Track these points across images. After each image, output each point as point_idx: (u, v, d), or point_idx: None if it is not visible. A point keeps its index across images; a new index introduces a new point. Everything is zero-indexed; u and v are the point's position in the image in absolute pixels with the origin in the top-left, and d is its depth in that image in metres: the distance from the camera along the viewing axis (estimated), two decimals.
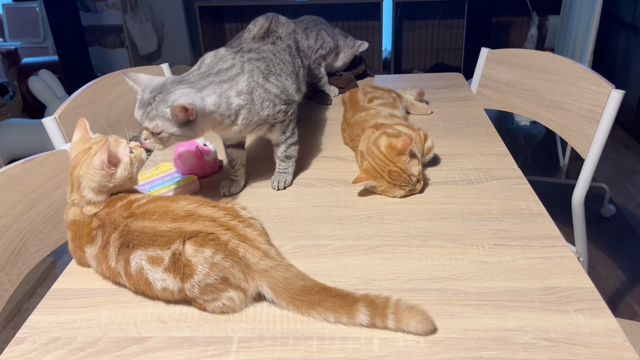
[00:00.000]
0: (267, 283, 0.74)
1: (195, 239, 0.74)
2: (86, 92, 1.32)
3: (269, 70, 1.02)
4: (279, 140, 1.09)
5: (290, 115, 1.08)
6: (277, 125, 1.06)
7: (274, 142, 1.11)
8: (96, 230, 0.81)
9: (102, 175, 0.82)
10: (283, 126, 1.07)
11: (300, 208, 1.02)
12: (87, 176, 0.82)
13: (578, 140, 1.28)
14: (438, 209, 0.99)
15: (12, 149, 2.98)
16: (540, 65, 1.44)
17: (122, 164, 0.84)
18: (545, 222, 0.92)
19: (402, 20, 3.94)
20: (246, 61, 0.99)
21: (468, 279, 0.80)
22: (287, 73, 1.07)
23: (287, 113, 1.06)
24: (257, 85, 0.99)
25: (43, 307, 0.79)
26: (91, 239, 0.82)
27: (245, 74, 0.97)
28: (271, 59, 1.05)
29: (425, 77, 1.77)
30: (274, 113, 1.02)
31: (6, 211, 0.94)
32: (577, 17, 2.44)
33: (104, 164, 0.81)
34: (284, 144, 1.10)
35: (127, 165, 0.85)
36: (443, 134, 1.29)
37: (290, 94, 1.06)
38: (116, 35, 3.93)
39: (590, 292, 0.75)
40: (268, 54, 1.05)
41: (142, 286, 0.77)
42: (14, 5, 3.72)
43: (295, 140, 1.11)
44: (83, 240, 0.83)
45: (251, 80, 0.98)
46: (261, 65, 1.01)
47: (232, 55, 0.99)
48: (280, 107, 1.03)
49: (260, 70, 1.00)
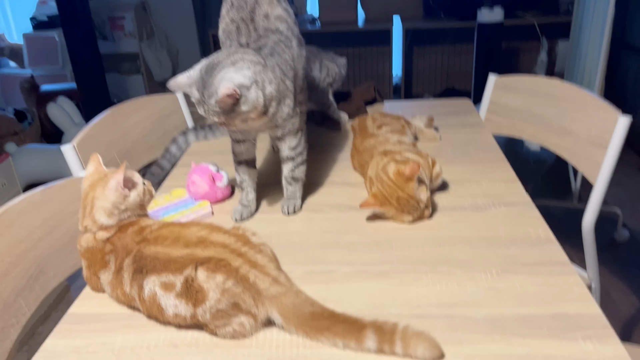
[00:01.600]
0: (277, 309, 0.76)
1: (207, 264, 0.76)
2: (103, 120, 1.36)
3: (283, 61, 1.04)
4: (287, 154, 1.10)
5: (299, 124, 1.08)
6: (289, 136, 1.08)
7: (282, 157, 1.11)
8: (109, 255, 0.84)
9: (116, 196, 0.85)
10: (294, 139, 1.08)
11: (310, 233, 1.03)
12: (101, 197, 0.85)
13: (587, 166, 1.28)
14: (446, 235, 1.00)
15: (30, 173, 3.04)
16: (548, 91, 1.46)
17: (135, 189, 0.87)
18: (554, 249, 0.93)
19: (412, 46, 3.99)
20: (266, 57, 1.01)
21: (476, 305, 0.80)
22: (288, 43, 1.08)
23: (298, 118, 1.07)
24: (280, 81, 1.00)
25: (59, 332, 0.81)
26: (104, 264, 0.84)
27: (269, 68, 0.98)
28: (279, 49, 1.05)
29: (433, 103, 1.79)
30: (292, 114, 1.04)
31: (25, 237, 0.97)
32: (587, 42, 2.46)
33: (120, 184, 0.84)
34: (292, 161, 1.10)
35: (140, 192, 0.88)
36: (452, 160, 1.31)
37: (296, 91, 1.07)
38: (132, 63, 4.03)
39: (599, 319, 0.76)
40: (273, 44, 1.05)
41: (155, 311, 0.79)
42: (34, 34, 3.83)
43: (303, 160, 1.12)
44: (97, 266, 0.85)
45: (273, 76, 0.99)
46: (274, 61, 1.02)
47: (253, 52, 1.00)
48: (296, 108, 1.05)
49: (279, 67, 1.02)
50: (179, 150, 1.48)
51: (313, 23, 3.74)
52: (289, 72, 1.05)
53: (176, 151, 1.47)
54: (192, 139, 1.54)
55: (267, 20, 1.07)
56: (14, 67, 4.09)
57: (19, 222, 0.97)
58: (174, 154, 1.46)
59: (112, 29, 3.88)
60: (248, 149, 1.12)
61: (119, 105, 1.45)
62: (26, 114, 3.73)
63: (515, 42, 3.91)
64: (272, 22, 1.07)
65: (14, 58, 4.03)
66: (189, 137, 1.53)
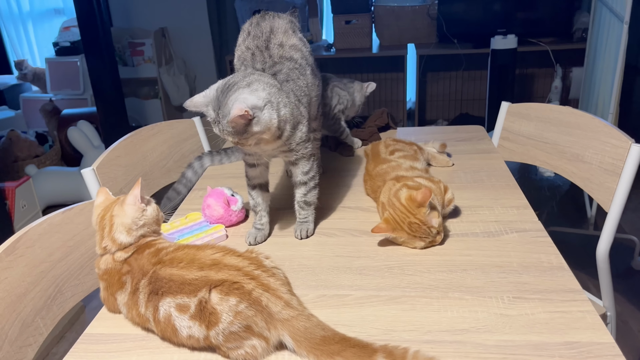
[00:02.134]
0: (289, 332, 0.77)
1: (221, 287, 0.77)
2: (122, 144, 1.39)
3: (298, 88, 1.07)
4: (300, 178, 1.12)
5: (312, 149, 1.10)
6: (302, 161, 1.10)
7: (295, 182, 1.13)
8: (126, 276, 0.86)
9: (134, 210, 0.88)
10: (307, 164, 1.10)
11: (323, 257, 1.05)
12: (120, 214, 0.88)
13: (600, 193, 1.28)
14: (458, 260, 1.00)
15: (49, 195, 3.10)
16: (560, 119, 1.47)
17: (151, 205, 0.91)
18: (566, 276, 0.93)
19: (426, 72, 4.03)
20: (281, 82, 1.04)
21: (487, 331, 0.81)
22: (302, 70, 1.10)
23: (313, 143, 1.09)
24: (295, 106, 1.04)
25: (75, 352, 0.83)
26: (121, 285, 0.86)
27: (283, 92, 1.02)
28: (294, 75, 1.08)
29: (446, 129, 1.80)
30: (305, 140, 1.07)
31: (45, 257, 0.99)
32: (601, 69, 2.47)
33: (137, 199, 0.88)
34: (305, 185, 1.12)
35: (154, 207, 0.91)
36: (464, 186, 1.31)
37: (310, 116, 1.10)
38: (150, 87, 4.12)
39: (611, 348, 0.75)
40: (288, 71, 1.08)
41: (169, 333, 0.80)
42: (56, 59, 3.94)
43: (315, 184, 1.14)
44: (114, 287, 0.87)
45: (288, 101, 1.02)
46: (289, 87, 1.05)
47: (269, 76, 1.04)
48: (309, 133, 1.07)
49: (294, 93, 1.05)
50: (195, 175, 1.50)
51: (328, 49, 3.80)
52: (303, 99, 1.07)
53: (192, 176, 1.50)
54: (208, 163, 1.57)
55: (281, 48, 1.10)
56: (36, 91, 4.20)
57: (40, 243, 0.99)
58: (190, 178, 1.49)
59: (132, 55, 3.98)
60: (261, 172, 1.14)
61: (138, 131, 1.49)
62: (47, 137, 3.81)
63: (530, 69, 3.92)
64: (286, 51, 1.10)
65: (36, 82, 4.14)
66: (204, 161, 1.56)
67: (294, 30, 1.14)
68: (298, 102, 1.05)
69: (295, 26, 1.16)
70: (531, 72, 3.94)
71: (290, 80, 1.07)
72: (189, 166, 1.51)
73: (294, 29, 1.14)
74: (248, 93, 0.96)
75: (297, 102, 1.05)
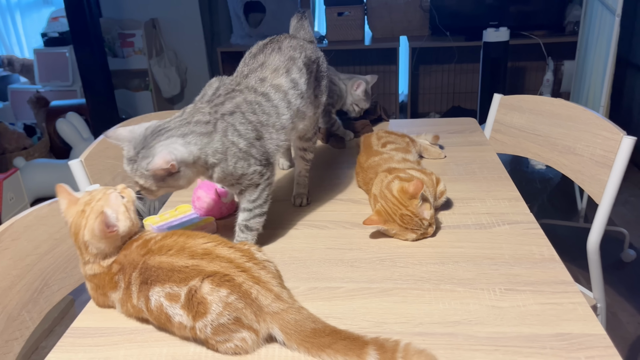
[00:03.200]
0: (279, 325, 0.76)
1: (213, 278, 0.76)
2: None
3: (248, 122, 0.97)
4: (245, 205, 1.02)
5: (267, 179, 1.02)
6: (249, 189, 1.01)
7: (240, 207, 1.04)
8: (118, 275, 0.84)
9: (107, 240, 0.83)
10: (254, 192, 1.01)
11: (314, 250, 1.04)
12: (94, 242, 0.83)
13: (592, 185, 1.28)
14: (450, 252, 1.00)
15: (38, 188, 3.07)
16: (552, 111, 1.46)
17: (121, 218, 0.85)
18: (557, 268, 0.93)
19: (418, 65, 4.02)
20: (220, 118, 0.95)
21: (479, 323, 0.80)
22: (270, 114, 1.01)
23: (263, 176, 1.01)
24: (231, 144, 0.95)
25: (62, 345, 0.81)
26: (114, 285, 0.84)
27: (219, 132, 0.94)
28: (249, 109, 0.98)
29: (438, 122, 1.80)
30: (249, 173, 0.98)
31: (31, 250, 0.98)
32: (592, 62, 2.47)
33: (104, 232, 0.82)
34: (249, 212, 1.02)
35: (125, 215, 0.85)
36: (456, 178, 1.31)
37: (269, 153, 1.01)
38: (141, 79, 4.08)
39: (602, 339, 0.75)
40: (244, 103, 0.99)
41: (163, 320, 0.79)
42: (45, 50, 3.89)
43: (263, 212, 1.04)
44: (106, 288, 0.86)
45: (225, 140, 0.94)
46: (236, 120, 0.96)
47: (209, 110, 0.95)
48: (255, 167, 0.98)
49: (234, 128, 0.95)
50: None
51: (321, 41, 3.78)
52: (248, 134, 0.97)
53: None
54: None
55: (261, 83, 1.03)
56: (24, 82, 4.15)
57: (26, 236, 0.98)
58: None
59: (122, 46, 3.94)
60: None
61: (126, 122, 1.47)
62: (35, 129, 3.77)
63: (522, 62, 3.93)
64: (264, 86, 1.03)
65: (24, 74, 4.09)
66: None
67: (288, 69, 1.05)
68: (239, 138, 0.96)
69: (293, 64, 1.06)
70: (523, 65, 3.95)
71: (239, 113, 0.97)
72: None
73: (288, 68, 1.05)
74: (180, 145, 0.89)
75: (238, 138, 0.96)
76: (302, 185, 1.24)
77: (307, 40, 1.18)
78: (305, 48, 1.12)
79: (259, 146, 0.99)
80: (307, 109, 1.11)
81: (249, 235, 1.04)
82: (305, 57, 1.10)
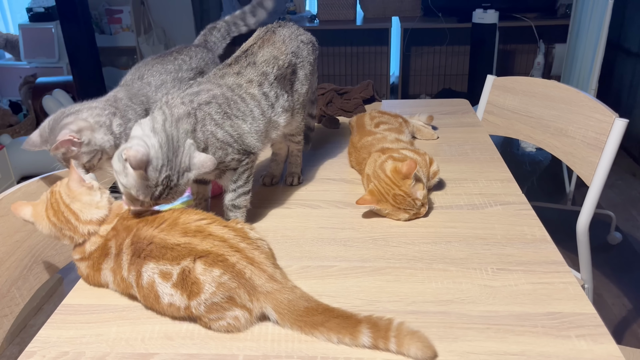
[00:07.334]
0: (272, 305, 0.76)
1: (206, 258, 0.76)
2: None
3: (224, 113, 0.96)
4: (227, 187, 1.03)
5: (246, 165, 1.02)
6: (228, 172, 1.01)
7: (224, 188, 1.04)
8: (111, 241, 0.83)
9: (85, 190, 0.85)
10: (234, 174, 1.01)
11: (307, 229, 1.03)
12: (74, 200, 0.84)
13: (582, 167, 1.29)
14: (442, 232, 1.00)
15: (24, 166, 3.02)
16: (545, 93, 1.46)
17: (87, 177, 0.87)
18: (549, 248, 0.93)
19: (409, 46, 4.00)
20: (197, 108, 0.93)
21: (471, 302, 0.81)
22: (245, 114, 1.00)
23: (242, 162, 1.01)
24: (210, 135, 0.94)
25: (53, 322, 0.81)
26: (107, 252, 0.84)
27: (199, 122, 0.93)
28: (227, 98, 0.98)
29: (431, 102, 1.79)
30: (227, 161, 0.98)
31: (20, 227, 0.96)
32: (583, 46, 2.47)
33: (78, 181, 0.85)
34: (234, 192, 1.02)
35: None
36: (449, 159, 1.31)
37: (248, 144, 1.00)
38: (129, 57, 4.01)
39: (593, 318, 0.76)
40: (225, 91, 0.98)
41: (151, 299, 0.78)
42: (30, 25, 3.81)
43: (247, 190, 1.03)
44: (101, 259, 0.84)
45: (205, 130, 0.93)
46: (212, 109, 0.95)
47: (181, 100, 0.93)
48: (233, 155, 0.98)
49: (211, 118, 0.95)
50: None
51: (312, 21, 3.74)
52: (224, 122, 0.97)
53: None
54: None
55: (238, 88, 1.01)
56: (9, 58, 4.06)
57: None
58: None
59: (109, 22, 3.86)
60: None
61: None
62: (21, 106, 3.71)
63: (513, 45, 3.92)
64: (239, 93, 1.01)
65: (9, 50, 4.00)
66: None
67: (261, 83, 1.03)
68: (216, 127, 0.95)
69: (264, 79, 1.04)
70: (514, 48, 3.94)
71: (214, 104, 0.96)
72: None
73: (261, 82, 1.03)
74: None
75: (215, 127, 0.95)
76: (294, 165, 1.23)
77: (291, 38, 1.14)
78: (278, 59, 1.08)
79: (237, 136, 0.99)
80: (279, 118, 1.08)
81: (237, 213, 1.04)
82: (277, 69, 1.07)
